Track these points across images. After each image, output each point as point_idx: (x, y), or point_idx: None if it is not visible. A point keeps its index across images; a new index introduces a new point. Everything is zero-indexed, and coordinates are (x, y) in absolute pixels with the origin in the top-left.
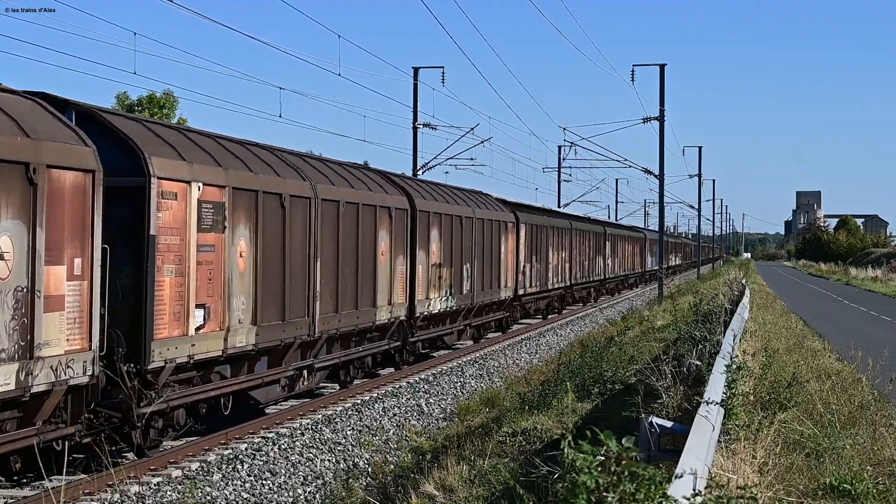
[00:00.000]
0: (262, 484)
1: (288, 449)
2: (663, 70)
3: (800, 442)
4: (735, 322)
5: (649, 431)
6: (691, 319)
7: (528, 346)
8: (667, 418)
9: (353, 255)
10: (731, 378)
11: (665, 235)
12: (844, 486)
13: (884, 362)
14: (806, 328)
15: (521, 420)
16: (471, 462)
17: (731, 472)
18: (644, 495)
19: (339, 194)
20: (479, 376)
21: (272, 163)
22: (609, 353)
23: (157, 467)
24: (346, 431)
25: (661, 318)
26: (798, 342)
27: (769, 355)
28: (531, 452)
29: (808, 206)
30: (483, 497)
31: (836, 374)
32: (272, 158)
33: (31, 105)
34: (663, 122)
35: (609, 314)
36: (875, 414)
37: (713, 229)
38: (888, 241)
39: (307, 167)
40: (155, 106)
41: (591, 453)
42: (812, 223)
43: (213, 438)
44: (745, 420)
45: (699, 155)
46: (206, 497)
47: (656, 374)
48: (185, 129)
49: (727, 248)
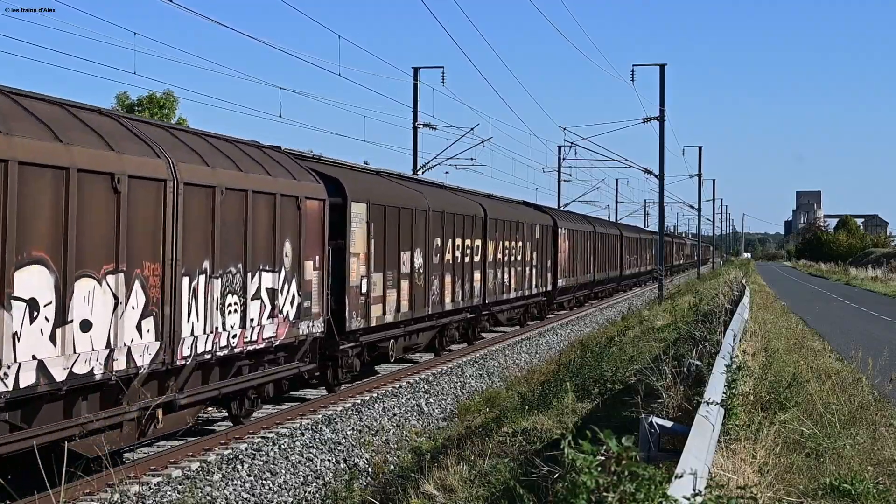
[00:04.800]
0: (262, 484)
1: (288, 449)
2: (663, 70)
3: (800, 442)
4: (735, 322)
5: (649, 431)
6: (691, 319)
7: (528, 346)
8: (667, 418)
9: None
10: (731, 378)
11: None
12: (844, 486)
13: (884, 362)
14: (806, 328)
15: (521, 420)
16: (471, 462)
17: (731, 472)
18: (644, 495)
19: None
20: (479, 376)
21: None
22: (609, 353)
23: (157, 467)
24: (346, 431)
25: (660, 318)
26: (798, 342)
27: (769, 355)
28: (531, 452)
29: (808, 206)
30: (483, 497)
31: (836, 374)
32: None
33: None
34: (663, 122)
35: (609, 314)
36: (875, 414)
37: (713, 229)
38: (888, 241)
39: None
40: (155, 106)
41: (591, 453)
42: (812, 223)
43: (213, 438)
44: (745, 420)
45: (699, 155)
46: (206, 497)
47: (656, 374)
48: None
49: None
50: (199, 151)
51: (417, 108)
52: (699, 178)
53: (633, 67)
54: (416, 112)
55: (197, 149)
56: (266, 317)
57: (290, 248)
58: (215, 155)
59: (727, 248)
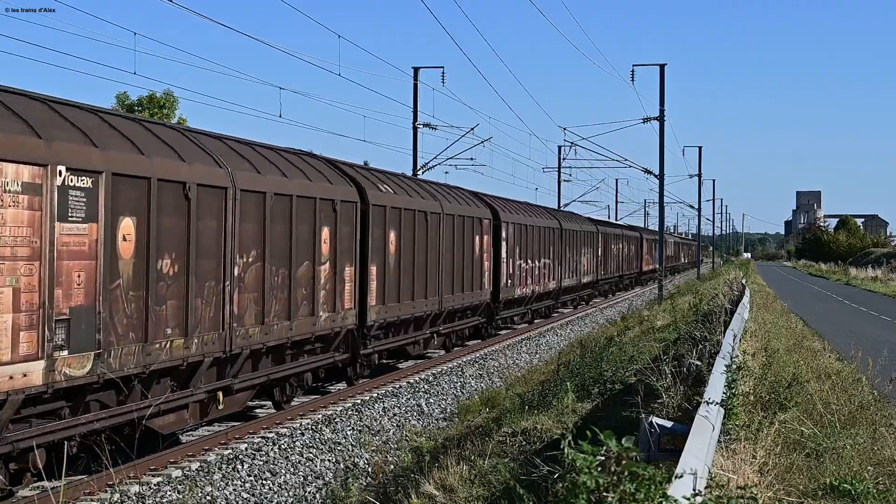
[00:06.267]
0: (262, 484)
1: (288, 449)
2: (663, 70)
3: (800, 442)
4: (735, 322)
5: (649, 431)
6: (691, 319)
7: (528, 346)
8: (667, 418)
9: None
10: (731, 378)
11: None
12: (844, 486)
13: (884, 362)
14: (806, 328)
15: (521, 420)
16: (471, 462)
17: (731, 472)
18: (644, 495)
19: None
20: (479, 376)
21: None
22: (609, 353)
23: (157, 467)
24: (346, 431)
25: (660, 319)
26: (798, 342)
27: (769, 355)
28: (531, 452)
29: (808, 206)
30: (483, 497)
31: (836, 374)
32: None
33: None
34: (663, 122)
35: (609, 314)
36: (875, 414)
37: (713, 229)
38: (888, 241)
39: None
40: (155, 106)
41: (591, 453)
42: (812, 223)
43: (213, 438)
44: (745, 420)
45: (699, 155)
46: (206, 497)
47: (656, 374)
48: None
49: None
50: (250, 160)
51: (417, 108)
52: (699, 178)
53: (633, 67)
54: (416, 112)
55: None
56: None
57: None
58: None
59: (727, 247)
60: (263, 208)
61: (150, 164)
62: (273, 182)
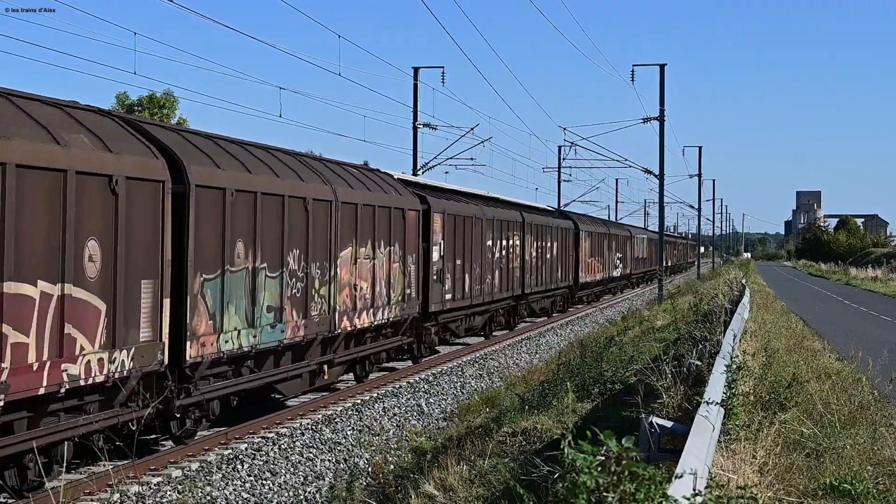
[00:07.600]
0: (262, 484)
1: (288, 449)
2: (663, 70)
3: (800, 442)
4: (735, 322)
5: (649, 431)
6: (691, 319)
7: (528, 346)
8: (667, 418)
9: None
10: (731, 378)
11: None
12: (844, 486)
13: (884, 362)
14: (806, 328)
15: (521, 420)
16: (471, 462)
17: (731, 472)
18: (644, 495)
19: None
20: (479, 376)
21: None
22: (609, 352)
23: (157, 467)
24: (346, 431)
25: (661, 319)
26: (798, 342)
27: (769, 355)
28: (531, 452)
29: (808, 206)
30: (483, 497)
31: (836, 374)
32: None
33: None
34: (663, 122)
35: (609, 314)
36: (875, 414)
37: (713, 229)
38: (888, 241)
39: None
40: (155, 106)
41: (591, 453)
42: (812, 223)
43: (213, 438)
44: (745, 420)
45: (699, 155)
46: (206, 497)
47: (656, 374)
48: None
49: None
50: (345, 179)
51: (417, 108)
52: (699, 178)
53: (633, 67)
54: (416, 112)
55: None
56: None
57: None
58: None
59: (727, 247)
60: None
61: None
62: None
